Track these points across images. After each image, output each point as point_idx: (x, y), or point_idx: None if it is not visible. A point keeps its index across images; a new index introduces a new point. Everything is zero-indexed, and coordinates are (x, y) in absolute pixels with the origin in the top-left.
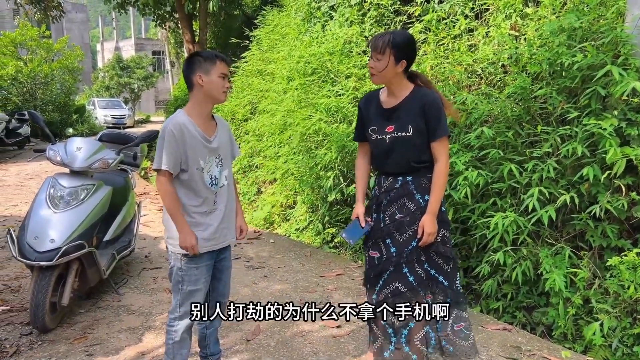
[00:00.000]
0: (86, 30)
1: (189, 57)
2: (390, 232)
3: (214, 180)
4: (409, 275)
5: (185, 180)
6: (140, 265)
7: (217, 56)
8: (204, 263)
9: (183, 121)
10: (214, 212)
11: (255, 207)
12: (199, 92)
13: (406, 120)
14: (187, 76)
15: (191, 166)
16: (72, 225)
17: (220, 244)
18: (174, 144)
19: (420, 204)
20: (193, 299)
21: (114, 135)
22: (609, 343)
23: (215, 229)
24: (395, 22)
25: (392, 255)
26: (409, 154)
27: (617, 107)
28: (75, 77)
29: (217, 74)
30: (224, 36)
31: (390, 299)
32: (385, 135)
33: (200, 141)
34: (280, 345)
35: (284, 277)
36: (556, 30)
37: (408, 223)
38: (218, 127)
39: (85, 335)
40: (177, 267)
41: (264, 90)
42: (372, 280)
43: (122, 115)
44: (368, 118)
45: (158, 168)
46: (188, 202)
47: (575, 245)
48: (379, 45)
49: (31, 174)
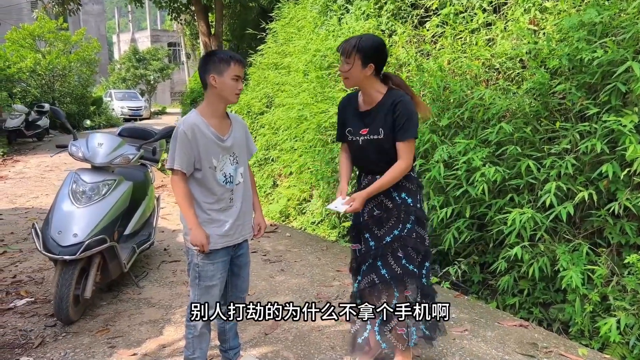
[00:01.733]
0: (102, 22)
1: (204, 57)
2: (369, 228)
3: (228, 178)
4: (382, 268)
5: (199, 178)
6: (159, 258)
7: (232, 57)
8: (219, 259)
9: (195, 121)
10: (230, 209)
11: (271, 200)
12: (212, 93)
13: (378, 123)
14: (201, 76)
15: (204, 165)
16: (94, 220)
17: (235, 240)
18: (187, 144)
19: (397, 202)
20: (210, 295)
21: (133, 130)
22: (626, 340)
23: (231, 225)
24: (412, 16)
25: (370, 249)
26: (381, 155)
27: (637, 103)
28: (92, 69)
29: (230, 76)
30: (239, 28)
31: (367, 289)
32: (359, 137)
33: (213, 140)
34: (298, 339)
35: (301, 271)
36: (576, 25)
37: (385, 219)
38: (233, 126)
39: (107, 327)
40: (194, 262)
41: (280, 84)
42: (354, 270)
43: (139, 107)
44: (346, 119)
45: (171, 167)
46: (203, 200)
47: (593, 242)
48: (346, 50)
49: (51, 166)
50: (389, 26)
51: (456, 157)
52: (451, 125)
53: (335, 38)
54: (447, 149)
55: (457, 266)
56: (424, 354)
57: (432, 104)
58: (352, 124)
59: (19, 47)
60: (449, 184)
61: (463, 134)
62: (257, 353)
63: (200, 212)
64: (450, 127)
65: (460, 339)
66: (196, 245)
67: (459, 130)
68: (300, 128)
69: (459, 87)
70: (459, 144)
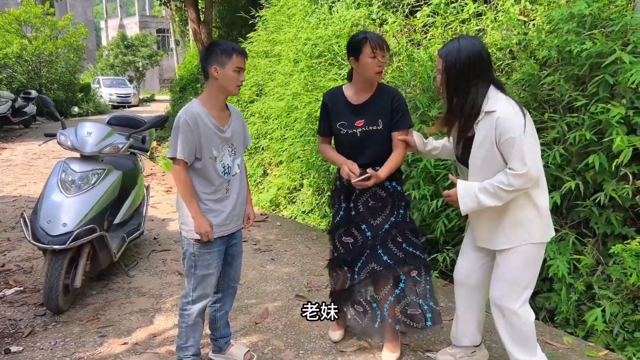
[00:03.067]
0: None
1: (207, 47)
2: (365, 219)
3: (226, 169)
4: (383, 255)
5: (198, 168)
6: (149, 247)
7: (234, 49)
8: (216, 248)
9: (197, 112)
10: (227, 199)
11: (262, 189)
12: (214, 84)
13: (376, 115)
14: (204, 66)
15: (204, 155)
16: (83, 210)
17: (231, 230)
18: (189, 133)
19: (390, 190)
20: (206, 283)
21: (123, 118)
22: (610, 329)
23: (227, 215)
24: (403, 5)
25: (367, 239)
26: (379, 145)
27: (625, 95)
28: (79, 55)
29: (232, 68)
30: (229, 15)
31: (369, 279)
32: (355, 129)
33: (213, 131)
34: (288, 328)
35: (291, 261)
36: (566, 16)
37: (380, 208)
38: (232, 117)
39: (97, 316)
40: (190, 252)
41: (270, 72)
42: (349, 263)
43: (127, 93)
44: (336, 113)
45: (173, 157)
46: (201, 190)
47: (579, 232)
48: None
49: (38, 154)
50: (380, 15)
51: None
52: None
53: (325, 26)
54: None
55: (445, 254)
56: (412, 343)
57: (423, 94)
58: (344, 117)
59: (5, 32)
60: (439, 174)
61: None
62: (247, 342)
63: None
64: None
65: (448, 328)
66: (200, 234)
67: None
68: (290, 117)
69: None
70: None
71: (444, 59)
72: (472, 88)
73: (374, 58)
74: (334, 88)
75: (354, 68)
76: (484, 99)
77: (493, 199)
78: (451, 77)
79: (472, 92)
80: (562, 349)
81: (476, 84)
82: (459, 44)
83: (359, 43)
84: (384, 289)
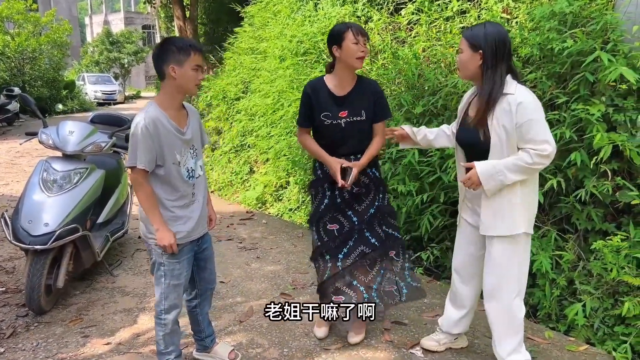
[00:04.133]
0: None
1: (160, 45)
2: (351, 205)
3: (190, 172)
4: (371, 237)
5: (162, 175)
6: (133, 246)
7: (191, 46)
8: (185, 256)
9: (156, 115)
10: (193, 204)
11: (248, 186)
12: (171, 84)
13: (360, 106)
14: (158, 66)
15: (167, 161)
16: (65, 209)
17: (199, 234)
18: (148, 140)
19: (371, 176)
20: (176, 294)
21: (106, 117)
22: (590, 323)
23: (197, 220)
24: (388, 2)
25: (354, 225)
26: (361, 136)
27: (604, 93)
28: (63, 52)
29: (190, 66)
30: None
31: (358, 261)
32: (339, 120)
33: (174, 134)
34: (273, 326)
35: (277, 259)
36: (547, 14)
37: (364, 194)
38: (189, 117)
39: (80, 316)
40: (158, 262)
41: (256, 69)
42: (333, 250)
43: (113, 90)
44: (319, 105)
45: (133, 166)
46: (166, 197)
47: (561, 228)
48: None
49: (22, 152)
50: (365, 13)
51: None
52: (425, 113)
53: (311, 24)
54: None
55: (429, 252)
56: (396, 340)
57: (407, 92)
58: (328, 108)
59: None
60: (424, 170)
61: (437, 122)
62: (231, 341)
63: (164, 211)
64: (425, 115)
65: (432, 324)
66: (164, 247)
67: (433, 118)
68: (276, 114)
69: (433, 75)
70: None
71: (472, 39)
72: (500, 70)
73: (357, 44)
74: (315, 79)
75: (337, 56)
76: (504, 83)
77: (517, 175)
78: (486, 59)
79: (498, 74)
80: (543, 344)
81: (501, 68)
82: (488, 29)
83: (341, 31)
84: (372, 271)
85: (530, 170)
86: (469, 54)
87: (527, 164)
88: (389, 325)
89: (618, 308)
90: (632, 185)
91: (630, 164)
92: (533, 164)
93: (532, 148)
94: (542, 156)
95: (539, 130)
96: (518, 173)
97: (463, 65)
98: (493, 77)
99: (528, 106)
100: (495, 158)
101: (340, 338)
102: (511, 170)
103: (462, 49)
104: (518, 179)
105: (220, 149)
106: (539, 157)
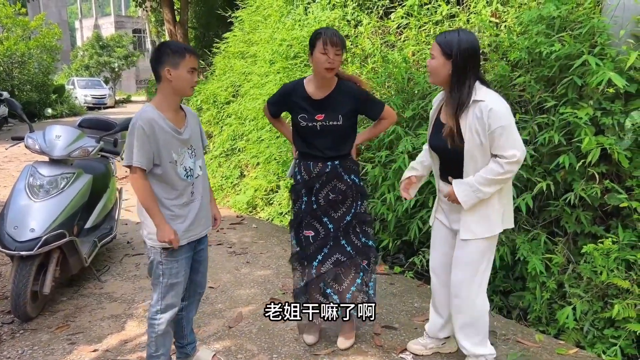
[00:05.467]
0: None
1: (157, 49)
2: (327, 212)
3: (188, 172)
4: (347, 245)
5: (159, 174)
6: (122, 251)
7: (186, 49)
8: (183, 255)
9: (152, 116)
10: (192, 203)
11: (238, 190)
12: (167, 86)
13: (337, 110)
14: (155, 69)
15: (164, 160)
16: (52, 215)
17: (199, 234)
18: (145, 139)
19: (349, 183)
20: (174, 292)
21: (94, 121)
22: (580, 326)
23: (193, 220)
24: (377, 7)
25: (330, 231)
26: (337, 139)
27: (592, 96)
28: (53, 56)
29: (186, 69)
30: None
31: (332, 269)
32: (315, 122)
33: (171, 134)
34: (262, 332)
35: (267, 263)
36: (535, 18)
37: (341, 201)
38: (187, 118)
39: (67, 323)
40: (156, 261)
41: (246, 73)
42: (309, 257)
43: (103, 95)
44: (296, 106)
45: (129, 165)
46: (165, 196)
47: (550, 231)
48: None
49: (10, 157)
50: (355, 17)
51: (420, 149)
52: (415, 117)
53: (301, 28)
54: (411, 141)
55: (421, 256)
56: (386, 344)
57: (397, 95)
58: (305, 110)
59: None
60: None
61: (427, 126)
62: (220, 347)
63: (163, 209)
64: (415, 119)
65: (422, 328)
66: (166, 242)
67: (423, 122)
68: (266, 119)
69: (422, 79)
70: (423, 135)
71: (445, 46)
72: (468, 79)
73: (325, 54)
74: (295, 81)
75: (310, 63)
76: (473, 90)
77: (492, 187)
78: (455, 66)
79: (467, 82)
80: (533, 347)
81: (470, 75)
82: (461, 37)
83: (313, 38)
84: (347, 280)
85: (504, 180)
86: (441, 61)
87: (499, 175)
88: (379, 330)
89: (607, 311)
90: (620, 188)
91: (618, 167)
92: (505, 173)
93: (503, 155)
94: (512, 163)
95: (509, 136)
96: (493, 185)
97: (434, 71)
98: (462, 85)
99: (498, 113)
100: (469, 163)
101: (330, 343)
102: (486, 185)
103: (433, 55)
104: (494, 191)
105: (210, 153)
106: (510, 165)
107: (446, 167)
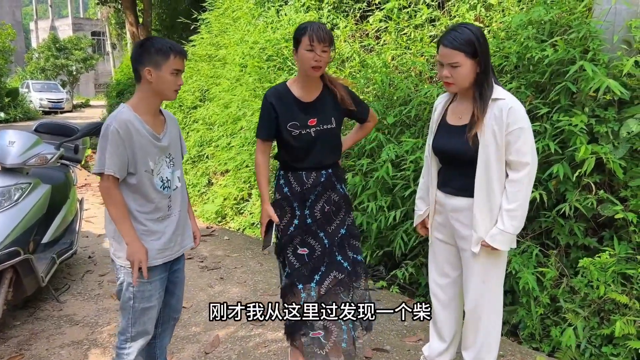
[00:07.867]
0: (18, 8)
1: (139, 45)
2: (322, 226)
3: (165, 183)
4: (343, 261)
5: (133, 184)
6: (83, 267)
7: (171, 48)
8: (158, 277)
9: (129, 118)
10: (169, 217)
11: (206, 199)
12: (147, 88)
13: (328, 113)
14: (135, 67)
15: (140, 169)
16: (4, 230)
17: (176, 253)
18: (120, 144)
19: (341, 192)
20: (146, 318)
21: (52, 126)
22: (577, 343)
23: (170, 237)
24: (354, 10)
25: (325, 247)
26: (331, 144)
27: (586, 103)
28: (6, 58)
29: (169, 70)
30: (169, 18)
31: (332, 289)
32: (309, 129)
33: (148, 139)
34: (242, 357)
35: (242, 279)
36: (524, 23)
37: (335, 212)
38: (167, 123)
39: (21, 352)
40: (126, 282)
41: (214, 77)
42: (305, 278)
43: (60, 99)
44: (286, 113)
45: (100, 172)
46: (138, 209)
47: (541, 242)
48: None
49: None
50: (331, 19)
51: (403, 157)
52: (397, 124)
53: (274, 30)
54: (394, 148)
55: (404, 269)
56: None
57: (377, 101)
58: (295, 117)
59: None
60: (397, 184)
61: (409, 133)
62: None
63: (135, 224)
64: (397, 126)
65: (415, 350)
66: (133, 263)
67: (405, 129)
68: (237, 125)
69: (404, 84)
70: (406, 142)
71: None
72: (491, 70)
73: (311, 51)
74: (277, 85)
75: (295, 61)
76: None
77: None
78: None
79: (490, 77)
80: None
81: (490, 67)
82: (473, 31)
83: (298, 33)
84: (347, 299)
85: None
86: (469, 65)
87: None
88: (369, 353)
89: (605, 327)
90: (614, 199)
91: (611, 177)
92: (528, 185)
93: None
94: (525, 172)
95: (527, 140)
96: (524, 206)
97: (464, 79)
98: (489, 79)
99: (519, 113)
100: (482, 169)
101: None
102: (519, 217)
103: (458, 62)
104: (526, 210)
105: None
106: (529, 178)
107: (449, 175)
